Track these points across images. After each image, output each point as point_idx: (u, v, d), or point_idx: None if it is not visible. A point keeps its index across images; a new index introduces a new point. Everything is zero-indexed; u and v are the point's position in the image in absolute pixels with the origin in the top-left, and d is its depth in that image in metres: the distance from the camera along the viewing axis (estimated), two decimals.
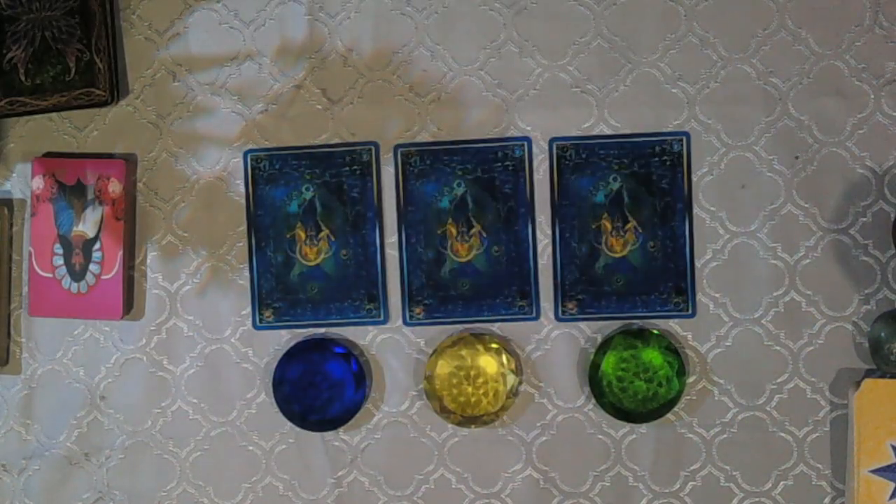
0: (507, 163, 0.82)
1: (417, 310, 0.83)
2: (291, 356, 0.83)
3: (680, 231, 0.81)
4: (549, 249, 0.82)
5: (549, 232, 0.82)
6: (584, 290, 0.82)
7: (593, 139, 0.82)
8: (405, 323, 0.84)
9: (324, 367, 0.83)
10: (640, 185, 0.81)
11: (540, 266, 0.82)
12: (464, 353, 0.82)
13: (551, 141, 0.82)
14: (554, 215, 0.82)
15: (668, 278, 0.81)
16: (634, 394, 0.80)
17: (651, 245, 0.81)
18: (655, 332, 0.80)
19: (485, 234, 0.83)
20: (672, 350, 0.80)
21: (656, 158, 0.81)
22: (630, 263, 0.81)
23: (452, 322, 0.83)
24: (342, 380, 0.83)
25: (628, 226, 0.81)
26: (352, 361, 0.83)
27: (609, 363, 0.80)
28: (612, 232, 0.82)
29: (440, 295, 0.83)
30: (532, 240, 0.82)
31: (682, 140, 0.81)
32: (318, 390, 0.83)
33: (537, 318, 0.82)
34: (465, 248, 0.83)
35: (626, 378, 0.80)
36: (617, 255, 0.81)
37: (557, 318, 0.82)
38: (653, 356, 0.80)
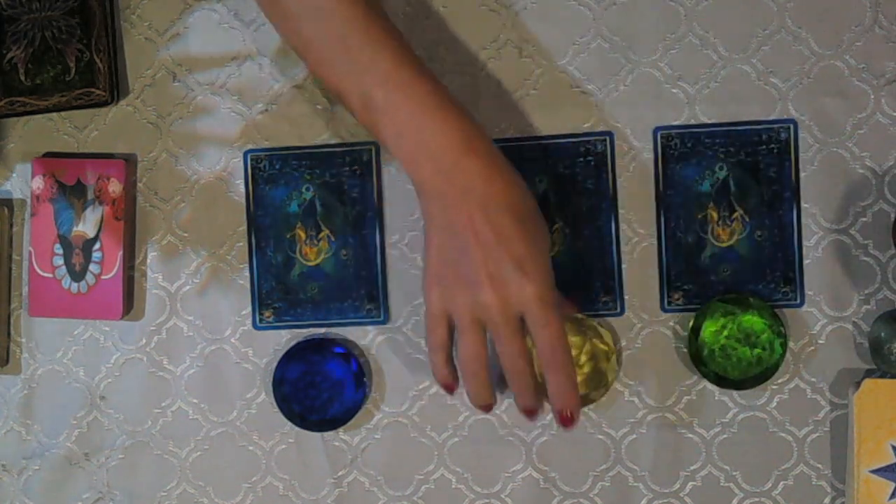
0: None
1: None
2: (291, 356, 0.83)
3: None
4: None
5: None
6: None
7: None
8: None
9: (324, 368, 0.83)
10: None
11: None
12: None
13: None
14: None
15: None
16: (738, 361, 0.80)
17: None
18: (752, 298, 0.80)
19: None
20: (771, 314, 0.79)
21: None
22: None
23: None
24: (342, 380, 0.83)
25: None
26: (352, 361, 0.83)
27: (710, 331, 0.80)
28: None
29: None
30: None
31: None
32: (319, 390, 0.83)
33: None
34: None
35: (730, 346, 0.80)
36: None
37: None
38: (753, 321, 0.79)
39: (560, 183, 0.82)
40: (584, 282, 0.82)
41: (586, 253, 0.82)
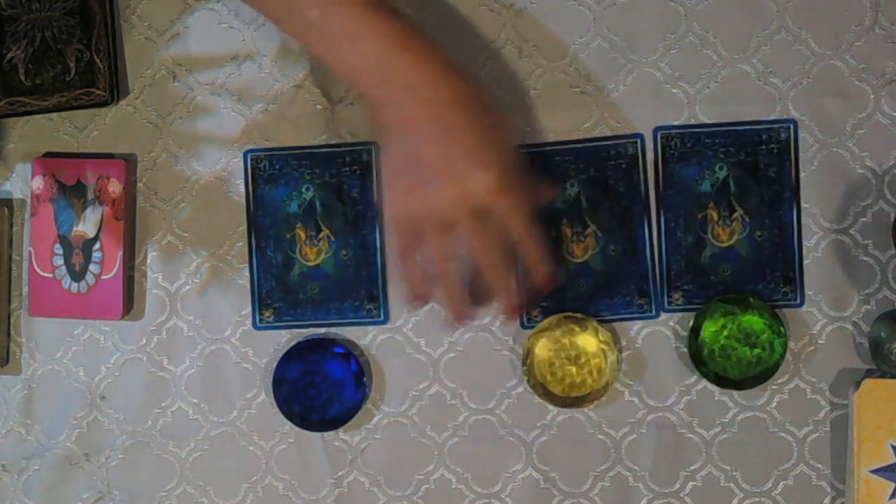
0: None
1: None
2: (291, 356, 0.83)
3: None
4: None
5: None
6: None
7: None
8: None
9: (324, 368, 0.83)
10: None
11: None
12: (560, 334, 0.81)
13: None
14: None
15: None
16: (738, 361, 0.80)
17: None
18: (752, 298, 0.80)
19: None
20: (771, 314, 0.79)
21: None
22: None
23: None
24: (342, 380, 0.83)
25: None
26: (352, 361, 0.83)
27: (710, 331, 0.80)
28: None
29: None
30: None
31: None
32: (319, 390, 0.83)
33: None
34: None
35: (730, 346, 0.80)
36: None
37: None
38: (753, 321, 0.79)
39: (592, 187, 0.82)
40: (620, 286, 0.82)
41: (620, 257, 0.82)
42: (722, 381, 0.80)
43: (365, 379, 0.83)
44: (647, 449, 0.82)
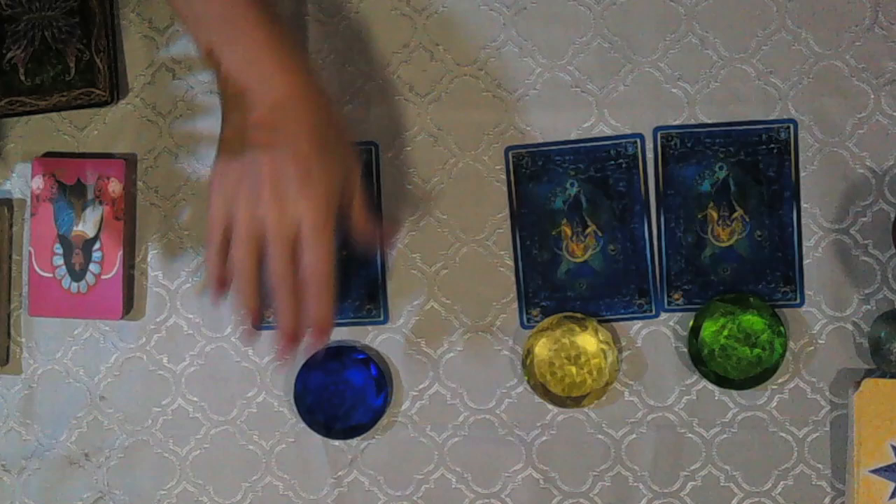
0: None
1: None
2: (311, 366, 0.82)
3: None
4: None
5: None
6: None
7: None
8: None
9: (345, 375, 0.82)
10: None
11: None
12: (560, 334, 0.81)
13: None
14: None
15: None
16: (738, 361, 0.80)
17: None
18: (752, 298, 0.80)
19: None
20: (771, 314, 0.79)
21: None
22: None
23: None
24: (364, 386, 0.82)
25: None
26: (371, 366, 0.82)
27: (710, 331, 0.80)
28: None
29: None
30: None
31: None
32: (342, 398, 0.82)
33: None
34: None
35: (730, 346, 0.80)
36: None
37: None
38: (753, 321, 0.79)
39: (592, 187, 0.82)
40: (620, 285, 0.82)
41: (620, 257, 0.82)
42: (722, 380, 0.80)
43: (385, 384, 0.82)
44: (647, 449, 0.82)
